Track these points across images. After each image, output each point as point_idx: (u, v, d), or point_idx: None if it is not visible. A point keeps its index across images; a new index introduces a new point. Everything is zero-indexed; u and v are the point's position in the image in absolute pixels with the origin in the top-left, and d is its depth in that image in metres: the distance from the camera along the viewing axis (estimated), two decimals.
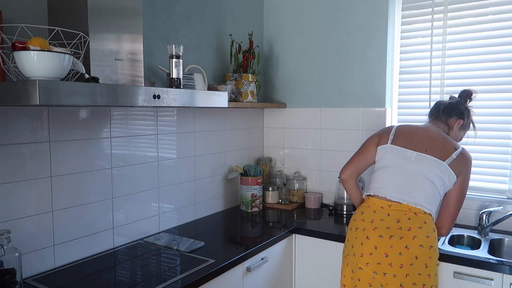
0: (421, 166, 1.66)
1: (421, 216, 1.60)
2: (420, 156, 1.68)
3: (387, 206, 1.65)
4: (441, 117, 1.87)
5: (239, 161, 2.66)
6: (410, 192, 1.64)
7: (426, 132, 1.78)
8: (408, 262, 1.53)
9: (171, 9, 2.10)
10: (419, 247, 1.54)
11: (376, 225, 1.62)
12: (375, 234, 1.60)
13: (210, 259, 1.69)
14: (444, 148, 1.69)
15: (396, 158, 1.71)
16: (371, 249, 1.59)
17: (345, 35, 2.54)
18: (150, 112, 2.00)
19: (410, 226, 1.57)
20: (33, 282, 1.48)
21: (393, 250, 1.55)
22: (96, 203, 1.76)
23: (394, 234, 1.57)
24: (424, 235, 1.56)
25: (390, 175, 1.70)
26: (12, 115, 1.45)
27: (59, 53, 1.18)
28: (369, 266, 1.59)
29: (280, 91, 2.83)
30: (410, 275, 1.53)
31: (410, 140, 1.73)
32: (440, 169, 1.64)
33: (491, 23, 2.15)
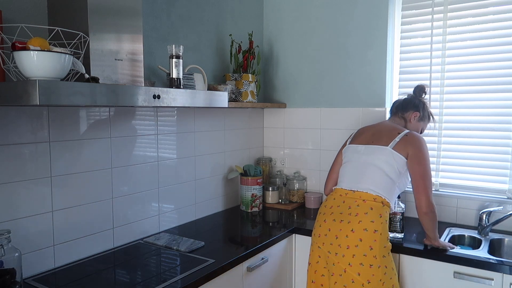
0: (368, 156, 1.84)
1: (369, 203, 1.75)
2: (368, 148, 1.88)
3: (344, 194, 1.84)
4: (397, 113, 2.03)
5: (239, 161, 2.66)
6: (360, 180, 1.82)
7: (376, 126, 1.99)
8: (353, 243, 1.69)
9: (171, 9, 2.10)
10: (363, 230, 1.69)
11: (333, 210, 1.82)
12: (331, 218, 1.80)
13: (210, 259, 1.69)
14: (388, 135, 1.86)
15: (350, 154, 1.94)
16: (326, 231, 1.79)
17: (345, 35, 2.54)
18: (150, 112, 2.00)
19: (357, 211, 1.74)
20: (33, 282, 1.48)
21: (341, 233, 1.73)
22: (96, 203, 1.76)
23: (344, 219, 1.75)
24: (369, 220, 1.71)
25: (346, 168, 1.92)
26: (12, 115, 1.45)
27: (59, 53, 1.18)
28: (324, 246, 1.79)
29: (280, 91, 2.83)
30: (356, 256, 1.68)
31: (361, 137, 1.96)
32: (385, 154, 1.81)
33: (491, 23, 2.15)
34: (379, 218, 1.71)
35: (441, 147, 2.32)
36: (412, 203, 2.33)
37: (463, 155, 2.27)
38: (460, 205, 2.23)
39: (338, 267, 1.72)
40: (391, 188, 1.80)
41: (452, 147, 2.30)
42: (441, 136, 2.32)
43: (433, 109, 2.33)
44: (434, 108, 2.33)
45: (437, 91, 2.31)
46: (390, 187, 1.79)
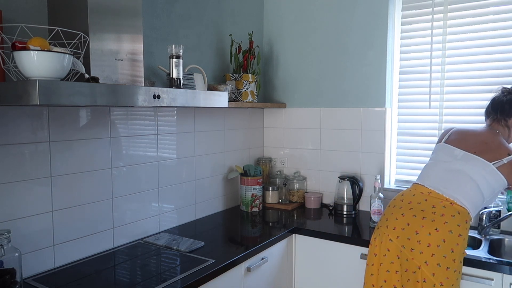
0: (466, 164, 1.73)
1: (456, 207, 1.67)
2: (468, 155, 1.75)
3: (426, 192, 1.74)
4: (499, 119, 1.83)
5: (239, 161, 2.66)
6: (450, 186, 1.72)
7: (480, 136, 1.82)
8: (435, 243, 1.61)
9: (171, 9, 2.10)
10: (449, 232, 1.62)
11: (412, 206, 1.72)
12: (410, 213, 1.70)
13: (210, 259, 1.69)
14: (496, 151, 1.73)
15: (444, 154, 1.83)
16: (404, 225, 1.69)
17: (345, 35, 2.54)
18: (150, 112, 2.00)
19: (443, 212, 1.65)
20: (33, 282, 1.48)
21: (423, 230, 1.64)
22: (96, 203, 1.76)
23: (427, 217, 1.66)
24: (455, 223, 1.63)
25: (435, 167, 1.82)
26: (12, 115, 1.45)
27: (59, 53, 1.18)
28: (399, 240, 1.69)
29: (280, 91, 2.83)
30: (435, 255, 1.60)
31: (461, 141, 1.82)
32: (485, 170, 1.70)
33: (491, 23, 2.15)
34: (465, 224, 1.64)
35: None
36: None
37: None
38: None
39: (412, 263, 1.64)
40: (478, 203, 1.71)
41: None
42: None
43: (433, 109, 2.33)
44: (434, 108, 2.33)
45: (437, 91, 2.31)
46: (478, 201, 1.71)
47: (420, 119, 2.39)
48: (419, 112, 2.39)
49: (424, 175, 1.83)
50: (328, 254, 2.09)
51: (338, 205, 2.49)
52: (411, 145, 2.43)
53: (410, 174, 2.43)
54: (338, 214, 2.46)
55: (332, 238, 2.07)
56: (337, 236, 2.07)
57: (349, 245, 2.02)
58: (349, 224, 2.29)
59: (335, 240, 2.06)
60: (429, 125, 2.35)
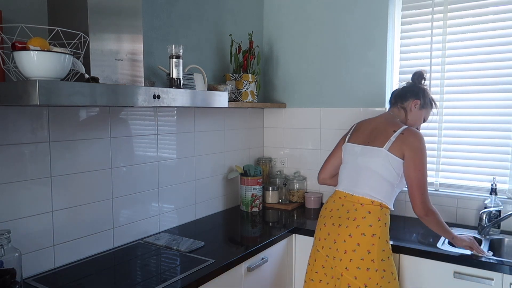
0: (365, 158, 1.78)
1: (366, 207, 1.72)
2: (364, 149, 1.80)
3: (343, 196, 1.80)
4: (397, 103, 1.89)
5: (239, 161, 2.66)
6: (357, 183, 1.77)
7: (372, 123, 1.87)
8: (351, 248, 1.68)
9: (171, 9, 2.10)
10: (361, 235, 1.68)
11: (332, 213, 1.80)
12: (330, 222, 1.78)
13: (210, 259, 1.69)
14: (384, 134, 1.76)
15: (348, 154, 1.88)
16: (325, 234, 1.78)
17: (345, 35, 2.54)
18: (150, 112, 2.00)
19: (355, 216, 1.71)
20: (33, 282, 1.48)
21: (340, 237, 1.72)
22: (96, 203, 1.76)
23: (342, 223, 1.73)
24: (366, 224, 1.69)
25: (344, 170, 1.87)
26: (12, 115, 1.45)
27: (59, 53, 1.18)
28: (323, 250, 1.78)
29: (280, 91, 2.83)
30: (353, 260, 1.67)
31: (359, 135, 1.87)
32: (381, 157, 1.72)
33: (491, 23, 2.15)
34: (377, 222, 1.69)
35: (441, 147, 2.32)
36: None
37: (463, 155, 2.27)
38: (460, 205, 2.23)
39: (336, 271, 1.72)
40: (389, 191, 1.74)
41: (452, 147, 2.30)
42: (441, 136, 2.32)
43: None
44: None
45: (437, 91, 2.31)
46: (388, 190, 1.74)
47: None
48: None
49: (339, 179, 1.88)
50: None
51: None
52: None
53: None
54: None
55: None
56: None
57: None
58: None
59: None
60: (429, 125, 2.35)
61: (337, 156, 1.96)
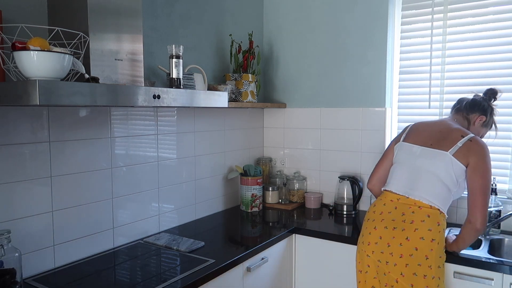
0: (425, 160, 1.70)
1: (425, 210, 1.64)
2: (425, 150, 1.72)
3: (395, 199, 1.72)
4: (462, 111, 1.87)
5: (239, 161, 2.66)
6: (415, 186, 1.69)
7: (435, 126, 1.82)
8: (408, 252, 1.60)
9: (171, 9, 2.10)
10: (420, 239, 1.59)
11: (383, 216, 1.71)
12: (382, 225, 1.69)
13: (210, 259, 1.69)
14: (449, 138, 1.70)
15: (404, 154, 1.80)
16: (377, 238, 1.68)
17: (345, 35, 2.54)
18: (150, 112, 2.00)
19: (413, 219, 1.63)
20: (33, 282, 1.48)
21: (394, 241, 1.63)
22: (96, 203, 1.76)
23: (397, 226, 1.64)
24: (426, 228, 1.60)
25: (399, 170, 1.78)
26: (12, 115, 1.45)
27: (59, 53, 1.18)
28: (374, 254, 1.68)
29: (280, 91, 2.83)
30: (409, 265, 1.59)
31: (418, 136, 1.79)
32: (444, 161, 1.66)
33: (491, 23, 2.15)
34: (437, 227, 1.61)
35: None
36: None
37: None
38: (460, 205, 2.23)
39: (389, 277, 1.63)
40: (446, 197, 1.68)
41: None
42: None
43: (433, 109, 2.34)
44: (434, 108, 2.33)
45: (437, 91, 2.31)
46: (446, 196, 1.67)
47: (420, 119, 2.37)
48: (419, 112, 2.39)
49: (391, 180, 1.80)
50: (328, 254, 2.09)
51: (338, 205, 2.49)
52: None
53: None
54: (338, 214, 2.46)
55: (332, 238, 2.07)
56: (337, 236, 2.06)
57: (349, 245, 2.01)
58: (349, 224, 2.29)
59: (335, 240, 2.06)
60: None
61: (390, 159, 1.88)
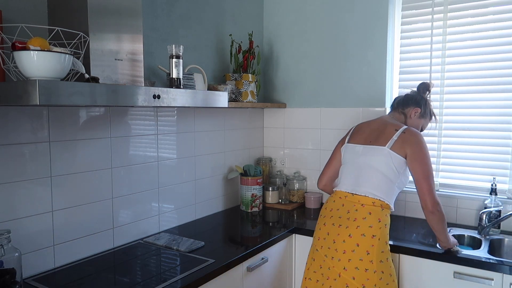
0: (367, 157, 1.79)
1: (367, 208, 1.72)
2: (366, 148, 1.82)
3: (343, 196, 1.81)
4: (398, 108, 1.95)
5: (239, 161, 2.66)
6: (359, 183, 1.78)
7: (374, 124, 1.90)
8: (350, 248, 1.68)
9: (171, 9, 2.10)
10: (361, 235, 1.68)
11: (332, 213, 1.80)
12: (330, 222, 1.78)
13: (210, 259, 1.69)
14: (385, 133, 1.79)
15: (349, 154, 1.89)
16: (325, 234, 1.78)
17: (345, 35, 2.54)
18: (150, 112, 2.00)
19: (356, 216, 1.72)
20: (33, 282, 1.48)
21: (339, 238, 1.72)
22: (96, 203, 1.76)
23: (342, 224, 1.73)
24: (367, 225, 1.69)
25: (345, 170, 1.88)
26: (12, 115, 1.45)
27: (59, 53, 1.18)
28: (322, 249, 1.78)
29: (280, 91, 2.83)
30: (352, 260, 1.67)
31: (360, 136, 1.89)
32: (383, 155, 1.75)
33: (491, 23, 2.15)
34: (377, 223, 1.69)
35: (441, 147, 2.32)
36: (411, 203, 2.34)
37: (463, 155, 2.27)
38: (460, 205, 2.23)
39: (333, 271, 1.72)
40: (390, 190, 1.76)
41: (452, 147, 2.30)
42: (441, 136, 2.31)
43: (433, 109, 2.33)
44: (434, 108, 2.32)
45: (437, 91, 2.31)
46: (389, 188, 1.75)
47: None
48: None
49: (340, 180, 1.89)
50: None
51: None
52: None
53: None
54: None
55: None
56: None
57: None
58: None
59: None
60: (429, 125, 2.34)
61: (337, 159, 1.98)
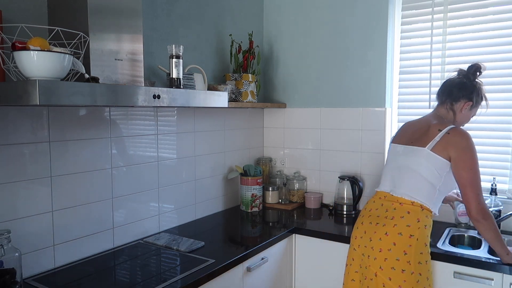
0: (407, 158, 1.75)
1: (406, 207, 1.68)
2: (407, 149, 1.77)
3: (383, 196, 1.78)
4: (446, 103, 1.80)
5: (239, 161, 2.66)
6: (398, 183, 1.75)
7: (417, 124, 1.84)
8: (386, 247, 1.64)
9: (171, 9, 2.10)
10: (398, 234, 1.63)
11: (371, 213, 1.77)
12: (368, 221, 1.75)
13: (210, 259, 1.69)
14: (428, 133, 1.71)
15: (391, 154, 1.88)
16: (362, 233, 1.75)
17: (345, 35, 2.54)
18: (150, 112, 2.00)
19: (393, 215, 1.68)
20: (33, 282, 1.48)
21: (375, 236, 1.68)
22: (96, 203, 1.76)
23: (380, 222, 1.70)
24: (404, 224, 1.64)
25: (386, 170, 1.87)
26: (12, 115, 1.45)
27: (59, 53, 1.18)
28: (360, 248, 1.74)
29: (280, 91, 2.83)
30: (388, 259, 1.63)
31: (403, 136, 1.85)
32: (423, 156, 1.68)
33: (491, 23, 2.15)
34: (416, 223, 1.63)
35: None
36: None
37: None
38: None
39: (370, 270, 1.67)
40: (430, 193, 1.68)
41: None
42: None
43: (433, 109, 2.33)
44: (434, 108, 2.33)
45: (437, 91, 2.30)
46: (430, 192, 1.67)
47: None
48: (419, 112, 2.36)
49: (381, 180, 1.87)
50: (328, 254, 2.09)
51: (338, 205, 2.49)
52: None
53: None
54: (338, 214, 2.46)
55: (332, 238, 2.07)
56: (337, 236, 2.06)
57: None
58: (349, 224, 2.29)
59: (335, 240, 2.05)
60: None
61: None
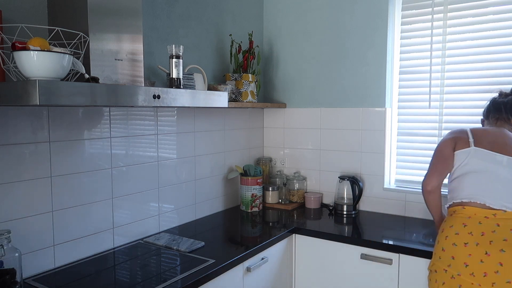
0: None
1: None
2: (511, 160, 1.55)
3: (491, 215, 1.48)
4: (504, 117, 1.69)
5: (239, 161, 2.66)
6: (510, 198, 1.50)
7: (506, 135, 1.64)
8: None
9: (171, 9, 2.10)
10: None
11: (490, 238, 1.44)
12: (495, 249, 1.41)
13: (210, 259, 1.69)
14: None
15: (485, 162, 1.57)
16: (496, 266, 1.40)
17: (345, 35, 2.54)
18: (150, 112, 2.00)
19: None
20: (33, 282, 1.48)
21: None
22: (96, 203, 1.76)
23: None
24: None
25: (484, 180, 1.55)
26: (12, 115, 1.45)
27: (59, 53, 1.18)
28: (495, 286, 1.40)
29: (280, 91, 2.83)
30: None
31: (494, 143, 1.60)
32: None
33: (491, 23, 2.15)
34: None
35: None
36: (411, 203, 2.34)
37: None
38: None
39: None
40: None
41: None
42: (441, 136, 2.31)
43: (433, 109, 2.33)
44: (434, 108, 2.33)
45: (437, 91, 2.31)
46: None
47: (420, 119, 2.39)
48: (419, 112, 2.39)
49: (474, 191, 1.55)
50: (328, 254, 2.09)
51: (338, 205, 2.49)
52: (411, 145, 2.42)
53: (410, 174, 2.43)
54: (338, 214, 2.46)
55: (332, 238, 2.07)
56: (337, 236, 2.06)
57: (349, 245, 2.02)
58: (349, 224, 2.29)
59: (335, 240, 2.06)
60: (429, 125, 2.35)
61: (449, 164, 1.65)
